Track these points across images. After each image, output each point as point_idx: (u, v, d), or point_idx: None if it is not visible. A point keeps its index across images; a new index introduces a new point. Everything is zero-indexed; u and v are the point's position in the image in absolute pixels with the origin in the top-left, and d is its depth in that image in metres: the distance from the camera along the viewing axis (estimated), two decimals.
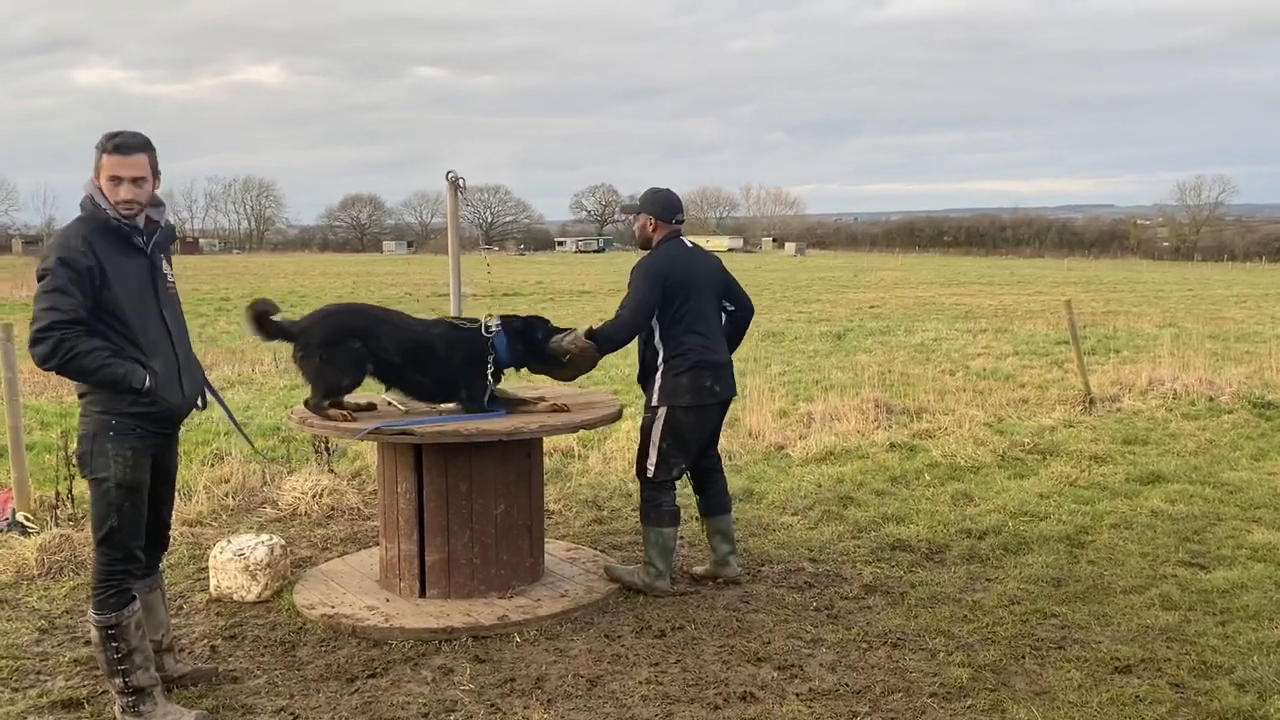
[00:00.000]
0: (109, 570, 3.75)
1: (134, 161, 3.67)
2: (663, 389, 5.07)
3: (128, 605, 3.77)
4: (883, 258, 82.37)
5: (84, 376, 3.63)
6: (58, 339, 3.53)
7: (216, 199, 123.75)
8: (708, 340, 5.10)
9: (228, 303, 27.40)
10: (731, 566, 5.32)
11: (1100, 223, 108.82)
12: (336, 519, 6.69)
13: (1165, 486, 7.17)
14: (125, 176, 3.65)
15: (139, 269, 3.74)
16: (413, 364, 4.92)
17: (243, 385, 11.94)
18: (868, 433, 8.98)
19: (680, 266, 5.09)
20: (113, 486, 3.70)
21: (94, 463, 3.70)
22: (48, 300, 3.55)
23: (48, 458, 7.34)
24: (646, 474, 5.14)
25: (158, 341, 3.77)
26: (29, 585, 5.34)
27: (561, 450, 8.24)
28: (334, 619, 4.77)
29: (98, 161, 3.67)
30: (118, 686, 3.79)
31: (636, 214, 5.29)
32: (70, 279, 3.55)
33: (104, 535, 3.73)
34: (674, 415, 5.06)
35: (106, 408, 3.69)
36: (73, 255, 3.57)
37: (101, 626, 3.75)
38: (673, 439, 5.08)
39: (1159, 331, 17.67)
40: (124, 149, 3.66)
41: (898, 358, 14.65)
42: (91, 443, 3.71)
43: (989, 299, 30.45)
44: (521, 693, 4.09)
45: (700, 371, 5.04)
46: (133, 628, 3.78)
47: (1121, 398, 10.70)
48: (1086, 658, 4.36)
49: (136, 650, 3.78)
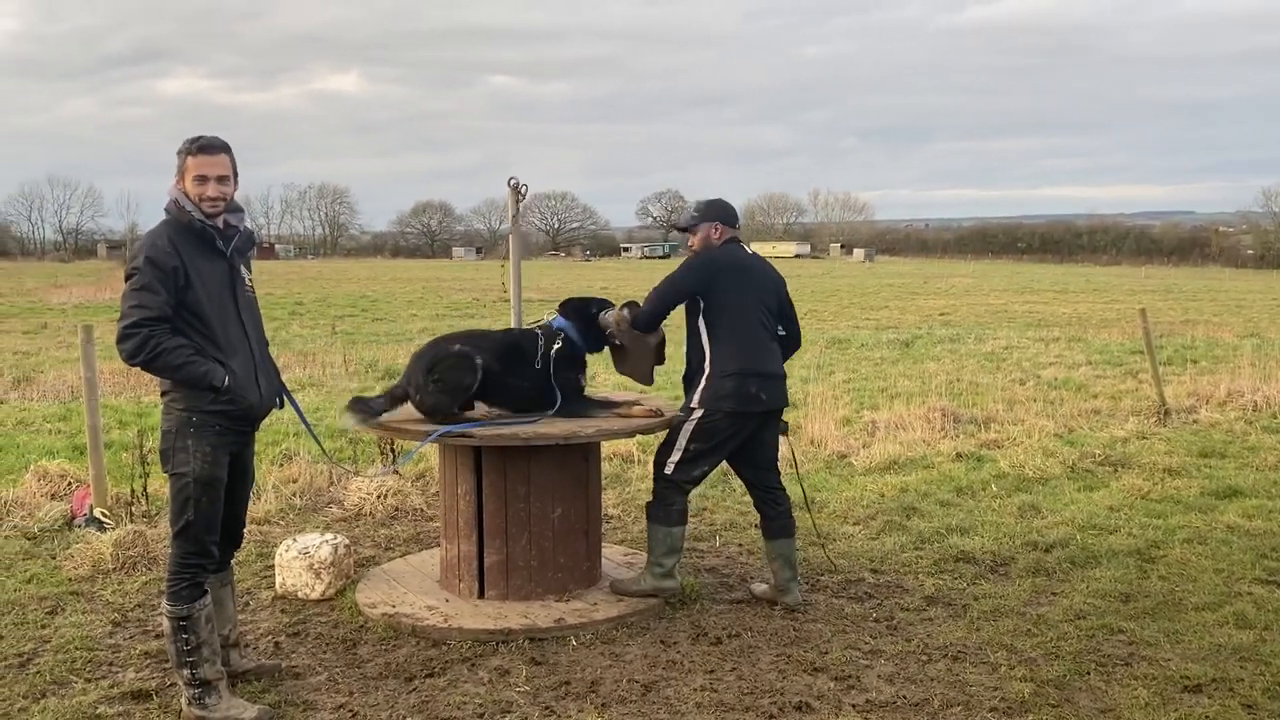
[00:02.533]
0: (183, 564, 3.86)
1: (218, 161, 3.83)
2: (705, 391, 4.92)
3: (199, 599, 3.87)
4: (954, 264, 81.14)
5: (167, 373, 3.74)
6: (145, 335, 3.66)
7: (292, 205, 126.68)
8: (758, 348, 4.95)
9: (301, 307, 28.02)
10: (793, 593, 5.08)
11: (1180, 229, 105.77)
12: (400, 520, 6.80)
13: (1242, 501, 6.95)
14: (211, 175, 3.80)
15: (219, 271, 3.87)
16: (509, 370, 4.98)
17: (313, 387, 12.19)
18: (933, 442, 8.86)
19: (730, 265, 4.98)
20: (191, 482, 3.81)
21: (174, 458, 3.82)
22: (136, 298, 3.69)
23: (125, 456, 7.57)
24: (664, 470, 4.99)
25: (236, 342, 3.90)
26: (104, 579, 5.51)
27: (621, 455, 8.26)
28: (394, 618, 4.84)
29: (182, 165, 3.81)
30: (185, 678, 3.89)
31: (696, 225, 5.11)
32: (157, 278, 3.69)
33: (180, 529, 3.84)
34: (710, 419, 4.90)
35: (188, 405, 3.80)
36: (160, 255, 3.71)
37: (173, 618, 3.85)
38: (702, 442, 4.92)
39: (1240, 342, 17.14)
40: (208, 149, 3.82)
41: (967, 366, 14.42)
42: (173, 439, 3.82)
43: (1063, 307, 29.82)
44: (576, 696, 4.11)
45: (746, 378, 4.88)
46: (203, 621, 3.87)
47: (1198, 409, 10.40)
48: (1155, 675, 4.25)
49: (205, 644, 3.87)
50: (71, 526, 6.38)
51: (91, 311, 24.89)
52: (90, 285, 36.42)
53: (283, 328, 21.18)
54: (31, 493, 6.88)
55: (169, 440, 3.83)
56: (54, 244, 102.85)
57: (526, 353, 5.05)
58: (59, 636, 4.72)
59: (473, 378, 4.89)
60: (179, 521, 3.84)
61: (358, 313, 26.57)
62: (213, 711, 3.87)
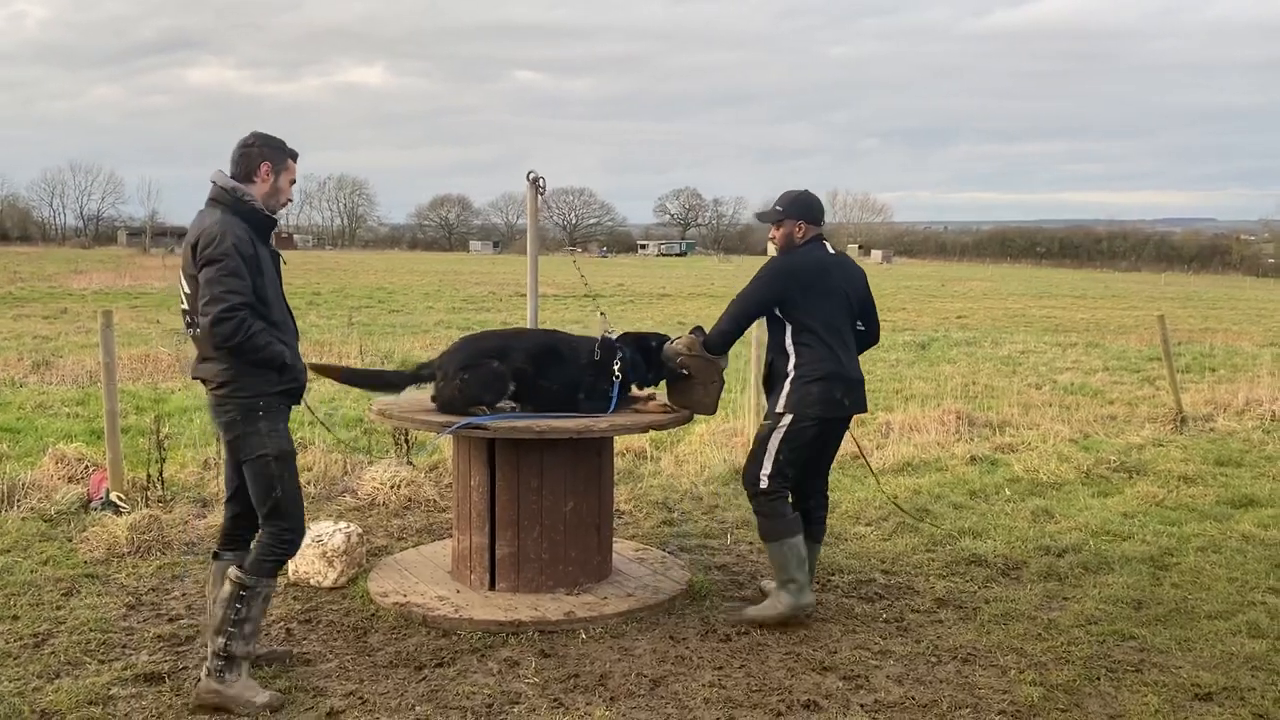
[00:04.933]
0: (277, 539, 3.98)
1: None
2: (790, 396, 4.73)
3: (270, 578, 4.01)
4: (972, 267, 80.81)
5: (253, 354, 3.86)
6: (241, 318, 3.79)
7: (311, 196, 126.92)
8: (841, 352, 4.77)
9: (319, 296, 28.13)
10: (808, 596, 4.94)
11: (1200, 237, 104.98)
12: (413, 510, 6.83)
13: (1258, 511, 6.91)
14: (295, 179, 4.17)
15: (272, 258, 4.07)
16: (541, 372, 4.98)
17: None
18: (947, 445, 8.83)
19: (813, 269, 4.77)
20: (272, 459, 3.93)
21: (249, 443, 3.93)
22: (226, 283, 3.81)
23: (141, 441, 7.62)
24: (760, 485, 4.78)
25: (285, 324, 4.08)
26: (119, 563, 5.56)
27: (634, 451, 8.27)
28: (405, 607, 4.86)
29: (279, 164, 4.07)
30: (217, 646, 3.94)
31: (779, 220, 4.86)
32: (241, 264, 3.84)
33: (271, 508, 3.96)
34: (798, 425, 4.74)
35: (255, 391, 3.93)
36: (241, 244, 3.87)
37: (238, 583, 3.94)
38: (791, 450, 4.76)
39: (1259, 350, 17.02)
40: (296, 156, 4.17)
41: (983, 370, 14.38)
42: (241, 426, 3.93)
43: (1081, 312, 29.67)
44: (584, 689, 4.12)
45: (831, 383, 4.71)
46: (261, 600, 3.99)
47: (1216, 417, 10.34)
48: (1165, 682, 4.23)
49: (250, 621, 3.97)
50: (88, 509, 6.44)
51: (111, 298, 25.06)
52: (110, 271, 36.68)
53: (300, 317, 20.76)
54: (49, 475, 6.94)
55: (237, 429, 3.94)
56: (75, 230, 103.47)
57: (564, 358, 5.04)
58: (74, 618, 4.76)
59: (494, 397, 4.92)
60: (268, 501, 3.95)
61: (374, 304, 26.66)
62: (228, 687, 3.93)
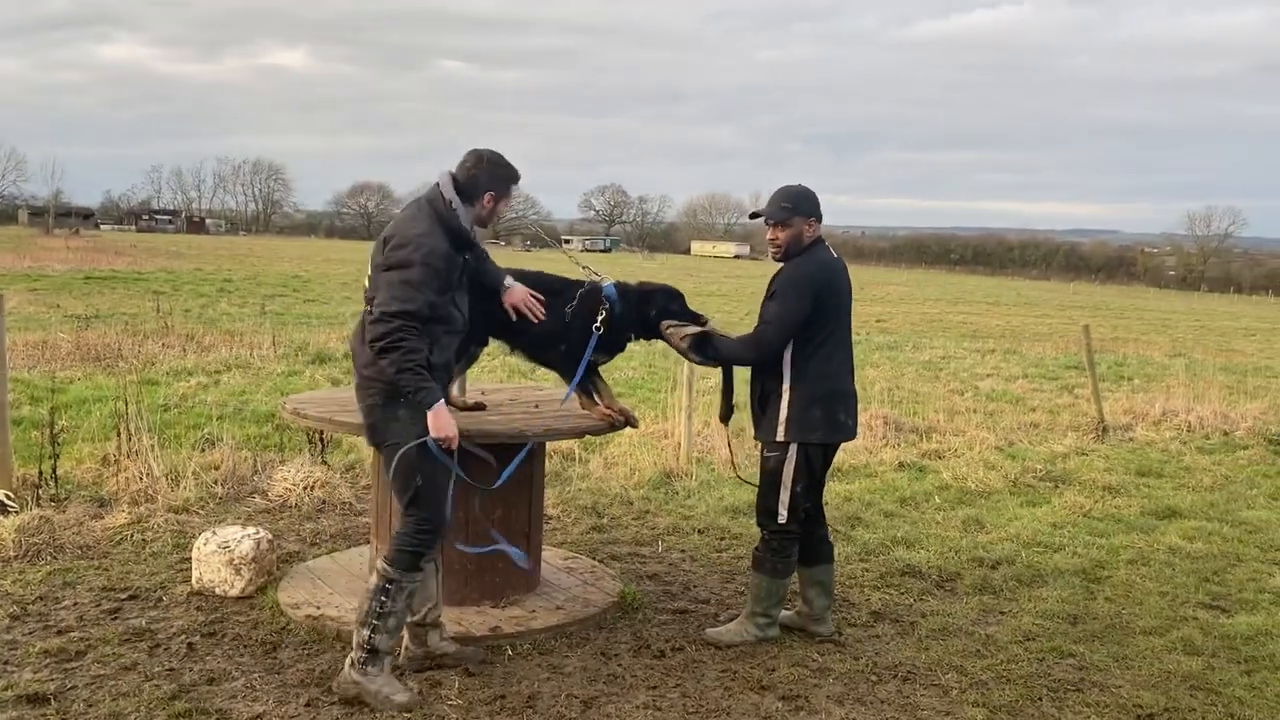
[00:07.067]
0: (418, 530, 3.87)
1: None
2: (791, 421, 4.37)
3: (414, 570, 3.89)
4: (889, 272, 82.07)
5: (391, 369, 3.72)
6: (398, 327, 3.69)
7: (225, 180, 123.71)
8: (843, 367, 4.47)
9: (230, 284, 27.21)
10: (827, 623, 4.72)
11: (1107, 248, 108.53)
12: (327, 513, 6.48)
13: (1182, 522, 6.96)
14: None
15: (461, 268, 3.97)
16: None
17: (239, 369, 11.71)
18: (876, 450, 8.77)
19: (831, 279, 4.40)
20: (412, 449, 3.80)
21: (388, 429, 3.84)
22: (404, 291, 3.71)
23: (34, 434, 7.13)
24: (778, 520, 4.46)
25: (455, 323, 3.98)
26: (4, 568, 5.13)
27: (562, 453, 8.02)
28: (319, 620, 4.56)
29: (503, 194, 3.98)
30: (361, 638, 3.85)
31: (787, 220, 4.41)
32: (430, 276, 3.74)
33: (410, 499, 3.86)
34: (806, 453, 4.42)
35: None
36: (436, 259, 3.77)
37: (384, 576, 3.86)
38: (807, 480, 4.45)
39: (1170, 361, 17.45)
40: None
41: (906, 374, 14.43)
42: (380, 411, 3.85)
43: (996, 319, 30.24)
44: (512, 711, 3.88)
45: (833, 403, 4.40)
46: (405, 594, 3.88)
47: (1134, 427, 10.49)
48: (1107, 703, 4.15)
49: (394, 614, 3.87)
50: None
51: (9, 279, 23.83)
52: (9, 252, 35.00)
53: (210, 305, 20.49)
54: None
55: (376, 414, 3.86)
56: None
57: (553, 295, 4.45)
58: None
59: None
60: (408, 491, 3.85)
61: (289, 293, 25.84)
62: (370, 681, 3.83)
